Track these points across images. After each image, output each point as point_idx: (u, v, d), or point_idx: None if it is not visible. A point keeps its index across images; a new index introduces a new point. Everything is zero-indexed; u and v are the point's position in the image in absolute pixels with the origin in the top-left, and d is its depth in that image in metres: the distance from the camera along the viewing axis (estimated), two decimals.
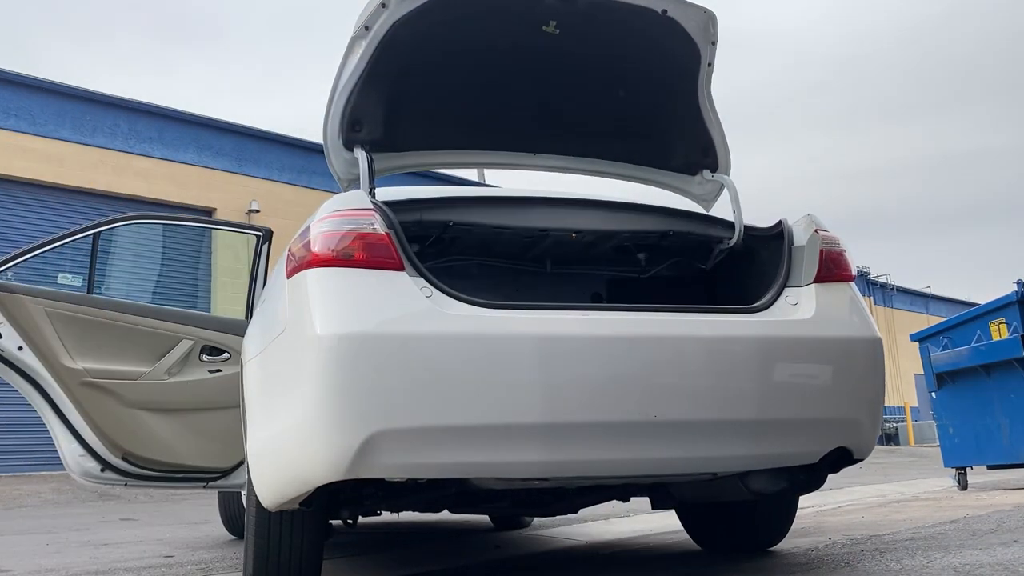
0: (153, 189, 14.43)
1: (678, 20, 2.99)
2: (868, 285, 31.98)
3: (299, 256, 2.39)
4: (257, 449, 2.49)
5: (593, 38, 2.97)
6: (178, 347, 4.15)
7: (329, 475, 2.17)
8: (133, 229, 10.84)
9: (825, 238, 2.65)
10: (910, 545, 3.12)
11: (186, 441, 4.15)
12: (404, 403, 2.15)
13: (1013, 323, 6.50)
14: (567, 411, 2.24)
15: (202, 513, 7.08)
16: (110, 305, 4.16)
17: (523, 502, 3.07)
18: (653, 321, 2.40)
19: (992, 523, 3.75)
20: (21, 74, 13.60)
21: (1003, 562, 2.58)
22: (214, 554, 4.29)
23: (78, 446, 4.01)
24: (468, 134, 3.46)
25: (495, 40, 3.00)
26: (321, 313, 2.21)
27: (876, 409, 2.60)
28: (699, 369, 2.34)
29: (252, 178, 15.82)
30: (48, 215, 13.33)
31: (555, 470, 2.30)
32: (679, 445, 2.32)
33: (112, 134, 14.34)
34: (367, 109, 3.04)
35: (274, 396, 2.43)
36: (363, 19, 2.77)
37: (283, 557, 2.60)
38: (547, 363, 2.26)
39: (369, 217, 2.35)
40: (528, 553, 3.97)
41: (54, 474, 10.97)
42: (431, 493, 2.66)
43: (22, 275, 4.13)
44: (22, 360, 3.94)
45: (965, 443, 6.87)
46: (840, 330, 2.52)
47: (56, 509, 8.42)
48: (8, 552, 4.71)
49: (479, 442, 2.21)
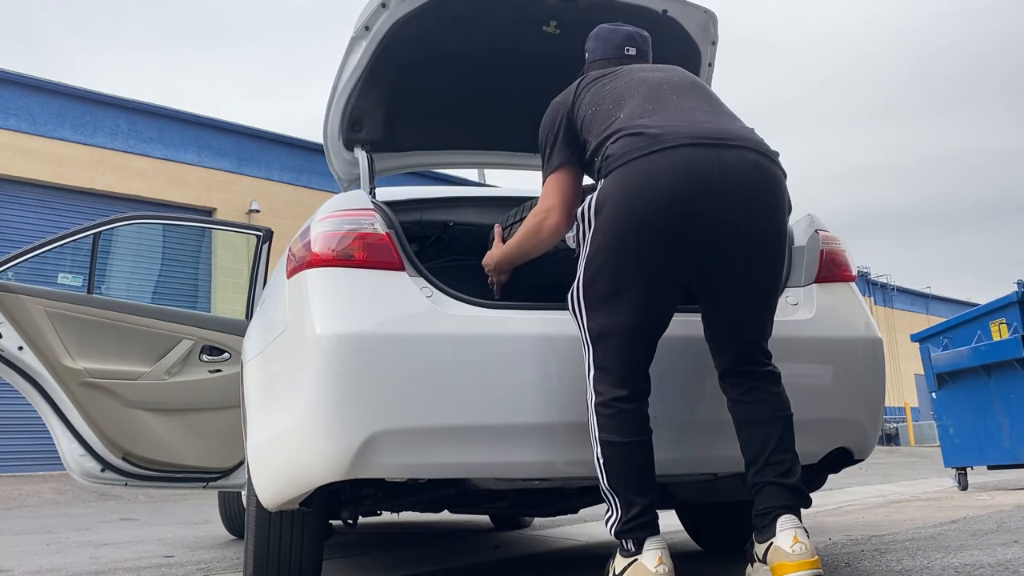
0: (153, 189, 14.43)
1: (678, 20, 2.99)
2: (868, 285, 31.98)
3: (299, 256, 2.39)
4: (257, 449, 2.49)
5: None
6: (178, 347, 4.16)
7: (329, 475, 2.17)
8: (133, 229, 10.86)
9: (825, 238, 2.65)
10: (910, 545, 3.12)
11: (186, 441, 4.15)
12: (404, 403, 2.15)
13: (1013, 323, 6.50)
14: (567, 411, 2.24)
15: (202, 513, 7.08)
16: (110, 305, 4.17)
17: (523, 502, 3.07)
18: None
19: (992, 523, 3.75)
20: (21, 74, 13.60)
21: (1003, 562, 2.58)
22: (214, 554, 4.29)
23: (78, 446, 4.01)
24: (468, 134, 3.46)
25: (495, 40, 3.01)
26: (321, 313, 2.21)
27: (876, 409, 2.60)
28: (699, 369, 2.34)
29: (252, 178, 15.82)
30: (48, 215, 13.33)
31: (555, 470, 2.30)
32: (679, 445, 2.32)
33: (112, 134, 14.34)
34: (367, 109, 3.04)
35: (274, 396, 2.43)
36: (363, 19, 2.77)
37: (283, 557, 2.60)
38: (547, 363, 2.26)
39: (369, 217, 2.35)
40: (528, 553, 3.97)
41: (54, 474, 10.98)
42: (431, 493, 2.66)
43: (22, 275, 4.13)
44: (22, 360, 3.94)
45: (965, 443, 6.87)
46: (840, 330, 2.52)
47: (56, 509, 8.43)
48: (8, 552, 4.71)
49: (479, 442, 2.21)
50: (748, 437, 2.19)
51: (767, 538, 2.09)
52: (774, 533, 2.07)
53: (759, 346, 2.24)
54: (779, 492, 2.12)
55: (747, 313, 2.22)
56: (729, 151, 2.15)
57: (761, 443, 2.16)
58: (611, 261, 2.15)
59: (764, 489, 2.14)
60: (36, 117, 13.59)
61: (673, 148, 2.12)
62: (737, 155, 2.15)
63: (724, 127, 2.22)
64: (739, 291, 2.20)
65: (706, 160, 2.12)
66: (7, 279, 4.01)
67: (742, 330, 2.23)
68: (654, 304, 2.17)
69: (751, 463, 2.18)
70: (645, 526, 2.11)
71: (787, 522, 2.07)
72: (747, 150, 2.17)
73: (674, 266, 2.15)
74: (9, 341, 3.91)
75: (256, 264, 4.41)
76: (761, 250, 2.19)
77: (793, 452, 2.17)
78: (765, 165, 2.19)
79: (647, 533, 2.10)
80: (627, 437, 2.12)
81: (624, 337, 2.14)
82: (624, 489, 2.13)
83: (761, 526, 2.12)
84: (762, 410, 2.18)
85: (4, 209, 13.10)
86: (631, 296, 2.14)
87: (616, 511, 2.14)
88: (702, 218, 2.11)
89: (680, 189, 2.10)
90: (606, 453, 2.13)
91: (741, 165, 2.14)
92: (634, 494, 2.12)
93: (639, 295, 2.14)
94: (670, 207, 2.09)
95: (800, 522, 2.09)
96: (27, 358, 3.94)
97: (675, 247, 2.12)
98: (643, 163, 2.13)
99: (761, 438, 2.16)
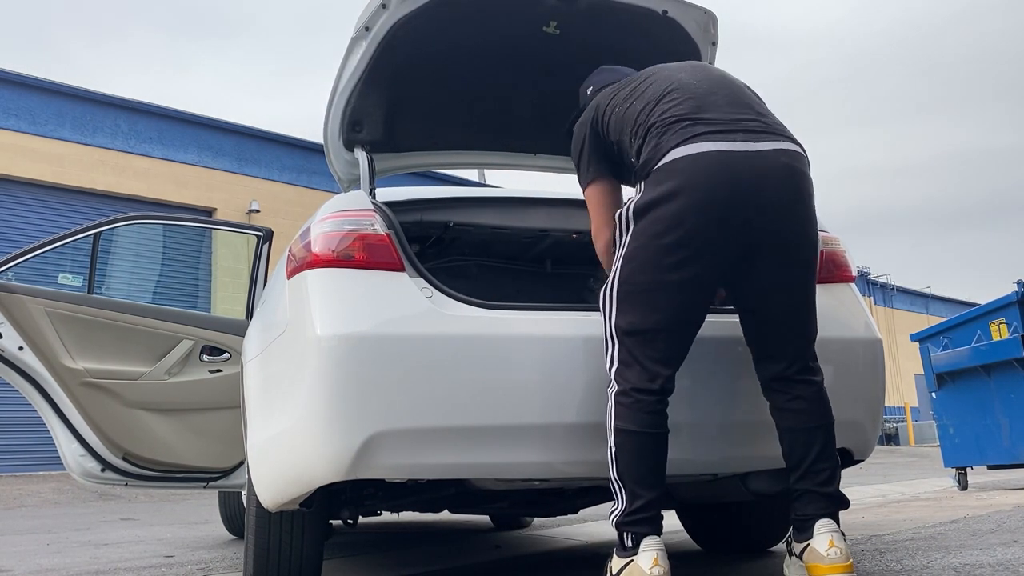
0: (153, 189, 14.43)
1: (678, 21, 2.99)
2: (868, 285, 31.97)
3: (299, 256, 2.39)
4: (257, 449, 2.50)
5: (593, 39, 2.97)
6: (178, 347, 4.16)
7: (329, 476, 2.17)
8: (133, 229, 10.85)
9: (825, 239, 2.65)
10: (910, 545, 3.12)
11: (186, 441, 4.15)
12: (404, 404, 2.16)
13: (1013, 323, 6.49)
14: (566, 412, 2.24)
15: (202, 513, 7.08)
16: (110, 305, 4.17)
17: (523, 502, 3.07)
18: None
19: (992, 523, 3.75)
20: (21, 74, 13.60)
21: (1003, 562, 2.58)
22: (214, 554, 4.29)
23: (79, 446, 4.01)
24: (468, 134, 3.46)
25: (495, 41, 3.01)
26: (321, 313, 2.22)
27: (876, 410, 2.60)
28: (699, 370, 2.34)
29: (252, 178, 15.82)
30: (48, 215, 13.33)
31: (555, 471, 2.30)
32: (679, 446, 2.32)
33: (112, 134, 14.34)
34: (367, 110, 3.04)
35: (274, 396, 2.43)
36: (363, 20, 2.77)
37: (283, 557, 2.60)
38: (547, 364, 2.26)
39: (369, 218, 2.35)
40: (528, 553, 3.98)
41: (54, 474, 10.98)
42: (431, 493, 2.66)
43: (22, 275, 4.13)
44: (22, 360, 3.94)
45: (965, 443, 6.87)
46: (840, 331, 2.52)
47: (56, 509, 8.43)
48: (8, 552, 4.71)
49: (479, 443, 2.21)
50: (790, 445, 2.23)
51: (805, 538, 2.16)
52: (811, 535, 2.14)
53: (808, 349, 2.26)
54: (818, 500, 2.18)
55: (792, 313, 2.24)
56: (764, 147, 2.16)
57: (803, 451, 2.20)
58: (647, 260, 2.16)
59: (804, 496, 2.20)
60: (36, 117, 13.59)
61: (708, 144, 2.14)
62: (771, 155, 2.17)
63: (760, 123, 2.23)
64: (780, 291, 2.22)
65: (743, 160, 2.13)
66: (7, 279, 4.01)
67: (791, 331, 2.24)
68: (687, 304, 2.19)
69: (792, 469, 2.23)
70: (646, 522, 2.11)
71: (824, 526, 2.13)
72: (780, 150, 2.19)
73: (711, 267, 2.17)
74: (9, 341, 3.91)
75: (256, 264, 4.41)
76: (797, 248, 2.21)
77: (834, 459, 2.22)
78: (795, 164, 2.20)
79: (647, 530, 2.10)
80: (641, 427, 2.13)
81: (654, 336, 2.16)
82: (631, 479, 2.14)
83: (800, 528, 2.19)
84: (804, 418, 2.21)
85: (4, 209, 13.10)
86: (667, 295, 2.16)
87: (621, 502, 2.15)
88: (739, 218, 2.13)
89: (715, 191, 2.11)
90: (618, 441, 2.14)
91: (775, 166, 2.16)
92: (640, 486, 2.13)
93: (674, 295, 2.16)
94: (707, 210, 2.11)
95: (838, 526, 2.14)
96: (27, 358, 3.94)
97: (712, 247, 2.14)
98: (680, 164, 2.14)
99: (802, 446, 2.20)
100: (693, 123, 2.19)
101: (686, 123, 2.19)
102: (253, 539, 2.62)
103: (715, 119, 2.20)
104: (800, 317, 2.25)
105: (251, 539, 2.64)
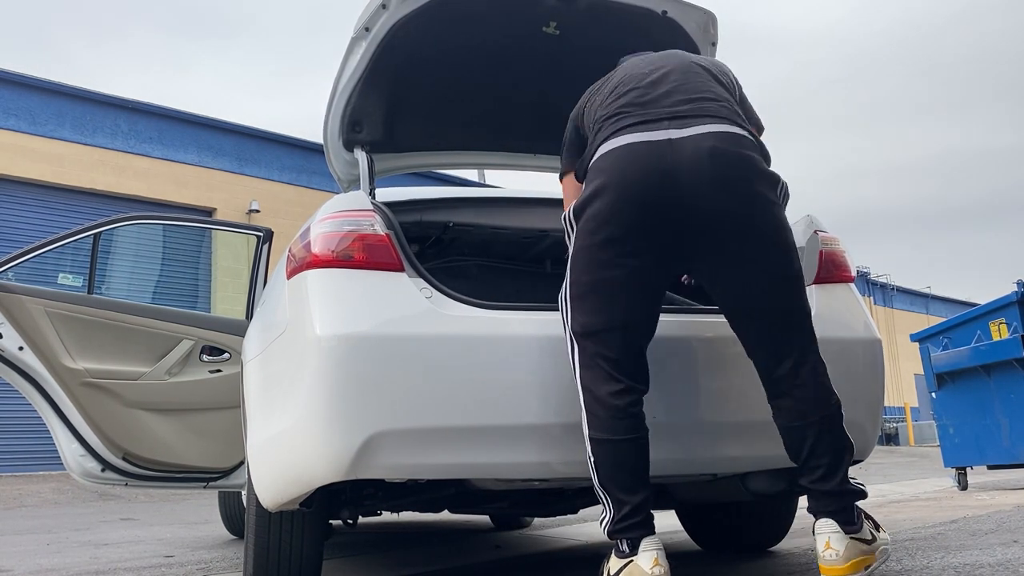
0: (153, 189, 14.43)
1: (678, 21, 2.99)
2: (868, 285, 31.97)
3: (299, 257, 2.39)
4: (257, 449, 2.50)
5: (593, 39, 2.97)
6: (178, 347, 4.16)
7: (329, 476, 2.17)
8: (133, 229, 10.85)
9: (824, 239, 2.65)
10: (910, 545, 3.12)
11: (186, 441, 4.15)
12: (404, 404, 2.16)
13: (1013, 323, 6.50)
14: (565, 412, 2.24)
15: (202, 513, 7.08)
16: (110, 305, 4.17)
17: (523, 502, 3.07)
18: None
19: (992, 523, 3.76)
20: (21, 74, 13.60)
21: (1003, 562, 2.59)
22: (214, 554, 4.29)
23: (79, 446, 4.01)
24: (468, 134, 3.46)
25: (495, 41, 3.01)
26: (321, 314, 2.22)
27: (876, 410, 2.60)
28: (699, 370, 2.34)
29: (252, 178, 15.82)
30: (48, 215, 13.34)
31: (554, 471, 2.30)
32: (678, 446, 2.32)
33: (112, 134, 14.34)
34: (367, 110, 3.04)
35: (274, 396, 2.43)
36: (363, 20, 2.78)
37: (283, 557, 2.60)
38: (546, 364, 2.26)
39: (369, 218, 2.36)
40: (528, 553, 3.98)
41: (54, 474, 10.99)
42: (431, 493, 2.66)
43: (22, 275, 4.13)
44: (22, 360, 3.94)
45: (965, 443, 6.87)
46: (840, 331, 2.52)
47: (56, 509, 8.43)
48: (8, 552, 4.71)
49: (479, 443, 2.21)
50: (786, 442, 2.21)
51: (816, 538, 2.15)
52: (814, 535, 2.13)
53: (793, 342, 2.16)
54: (818, 498, 2.15)
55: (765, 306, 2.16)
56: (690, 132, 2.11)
57: (797, 447, 2.18)
58: (589, 260, 2.16)
59: (809, 493, 2.18)
60: (36, 117, 13.60)
61: (629, 136, 2.13)
62: (696, 139, 2.10)
63: (696, 108, 2.17)
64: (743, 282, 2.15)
65: (660, 149, 2.10)
66: (7, 279, 4.01)
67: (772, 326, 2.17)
68: (634, 300, 2.16)
69: (794, 467, 2.22)
70: (637, 526, 2.10)
71: (823, 526, 2.11)
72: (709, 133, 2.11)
73: (650, 260, 2.13)
74: (9, 341, 3.91)
75: (256, 264, 4.41)
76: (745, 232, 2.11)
77: (830, 455, 2.14)
78: (723, 146, 2.11)
79: (640, 533, 2.10)
80: (616, 435, 2.11)
81: (606, 335, 2.14)
82: (615, 487, 2.12)
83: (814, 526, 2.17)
84: (793, 415, 2.16)
85: (4, 209, 13.11)
86: (610, 293, 2.14)
87: (608, 510, 2.14)
88: (663, 208, 2.09)
89: (633, 185, 2.10)
90: (596, 451, 2.13)
91: (698, 150, 2.09)
92: (624, 493, 2.11)
93: (617, 292, 2.14)
94: (631, 203, 2.10)
95: (839, 526, 2.10)
96: (27, 358, 3.94)
97: (645, 240, 2.12)
98: (604, 161, 2.16)
99: (796, 443, 2.17)
100: (623, 116, 2.19)
101: (617, 116, 2.20)
102: (253, 539, 2.62)
103: (648, 110, 2.17)
104: (775, 306, 2.16)
105: (251, 539, 2.64)
